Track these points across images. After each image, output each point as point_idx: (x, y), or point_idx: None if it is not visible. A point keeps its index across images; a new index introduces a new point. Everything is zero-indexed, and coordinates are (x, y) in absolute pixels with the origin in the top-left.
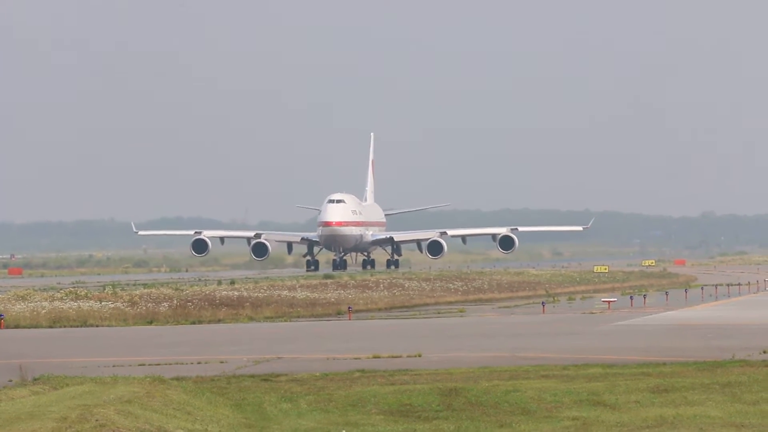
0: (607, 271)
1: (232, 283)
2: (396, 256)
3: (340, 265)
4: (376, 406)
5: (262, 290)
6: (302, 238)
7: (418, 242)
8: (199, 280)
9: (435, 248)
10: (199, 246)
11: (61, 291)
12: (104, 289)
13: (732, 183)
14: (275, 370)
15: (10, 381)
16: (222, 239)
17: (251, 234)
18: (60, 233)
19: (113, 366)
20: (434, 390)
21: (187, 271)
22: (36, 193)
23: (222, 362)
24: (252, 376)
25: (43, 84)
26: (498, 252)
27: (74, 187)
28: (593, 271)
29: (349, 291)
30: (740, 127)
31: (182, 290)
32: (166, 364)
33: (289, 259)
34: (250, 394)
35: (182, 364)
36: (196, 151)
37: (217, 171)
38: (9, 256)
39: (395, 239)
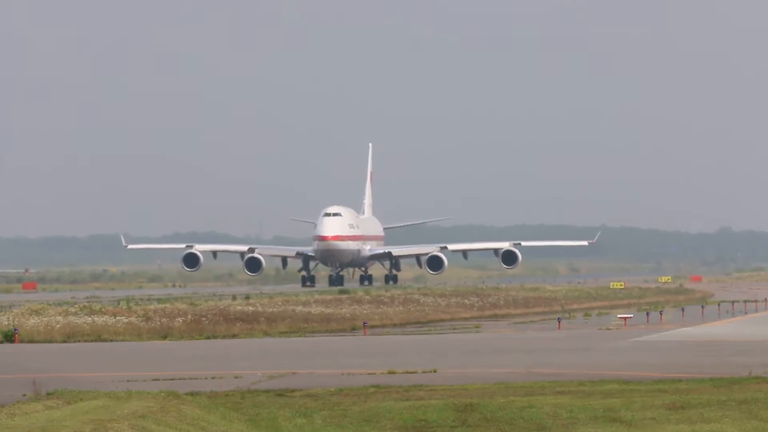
0: (623, 287)
1: (247, 298)
2: (395, 271)
3: (336, 280)
4: (391, 421)
5: (276, 305)
6: (297, 253)
7: (418, 257)
8: (214, 295)
9: (435, 263)
10: (190, 260)
11: (76, 305)
12: (118, 304)
13: (749, 199)
14: (290, 385)
15: (24, 395)
16: (215, 253)
17: (245, 248)
18: (74, 248)
19: (127, 381)
20: (449, 406)
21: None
22: (50, 207)
23: (236, 377)
24: (267, 391)
25: (54, 95)
26: (502, 268)
27: (88, 201)
28: (609, 287)
29: (364, 306)
30: (757, 142)
31: (197, 305)
32: (180, 379)
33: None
34: (264, 409)
35: (197, 379)
36: (211, 168)
37: (232, 187)
38: (23, 271)
39: (393, 254)
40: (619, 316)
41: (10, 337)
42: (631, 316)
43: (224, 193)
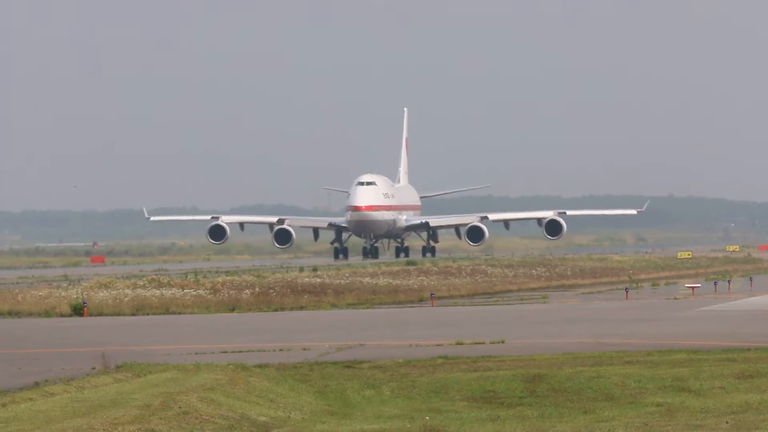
0: (690, 256)
1: (315, 270)
2: (432, 243)
3: (370, 252)
4: (459, 392)
5: (344, 277)
6: (329, 224)
7: (457, 228)
8: (281, 267)
9: (475, 234)
10: (216, 233)
11: (144, 278)
12: (186, 277)
13: None
14: (358, 356)
15: (94, 368)
16: (242, 225)
17: (274, 219)
18: (142, 221)
19: (196, 353)
20: (518, 376)
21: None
22: (118, 181)
23: (304, 349)
24: (335, 363)
25: (123, 71)
26: (546, 239)
27: (157, 175)
28: (677, 257)
29: (431, 277)
30: None
31: (264, 277)
32: (248, 352)
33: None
34: (332, 381)
35: (265, 351)
36: (277, 140)
37: (301, 159)
38: (92, 244)
39: (431, 224)
40: (686, 285)
41: (79, 311)
42: (699, 285)
43: (297, 168)
